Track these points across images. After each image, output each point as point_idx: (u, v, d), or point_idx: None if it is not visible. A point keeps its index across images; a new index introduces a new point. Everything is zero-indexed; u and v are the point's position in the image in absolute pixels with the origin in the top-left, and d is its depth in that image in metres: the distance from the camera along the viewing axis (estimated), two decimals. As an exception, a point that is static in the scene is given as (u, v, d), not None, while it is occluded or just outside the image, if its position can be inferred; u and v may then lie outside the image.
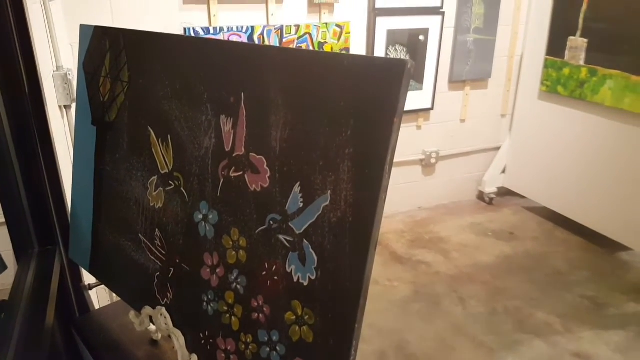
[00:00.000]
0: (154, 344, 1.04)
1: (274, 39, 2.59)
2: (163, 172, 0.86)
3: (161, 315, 0.88)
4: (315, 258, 0.63)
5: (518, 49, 3.34)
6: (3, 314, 0.96)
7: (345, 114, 0.59)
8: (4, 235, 1.12)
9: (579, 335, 2.24)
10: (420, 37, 3.01)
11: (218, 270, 0.77)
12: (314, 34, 2.68)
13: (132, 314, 0.98)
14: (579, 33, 2.85)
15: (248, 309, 0.73)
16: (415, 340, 2.22)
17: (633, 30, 2.58)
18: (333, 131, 0.60)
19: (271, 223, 0.68)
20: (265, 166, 0.68)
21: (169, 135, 0.83)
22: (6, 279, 1.22)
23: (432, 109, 3.24)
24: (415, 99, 3.14)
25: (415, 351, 2.16)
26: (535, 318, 2.36)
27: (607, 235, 2.85)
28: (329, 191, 0.61)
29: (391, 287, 2.61)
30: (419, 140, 3.33)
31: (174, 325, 0.87)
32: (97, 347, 1.08)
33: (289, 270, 0.66)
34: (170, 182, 0.84)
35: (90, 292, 1.26)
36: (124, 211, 0.96)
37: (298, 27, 2.64)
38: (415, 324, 2.33)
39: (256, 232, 0.70)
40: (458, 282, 2.65)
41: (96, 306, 1.50)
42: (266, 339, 0.71)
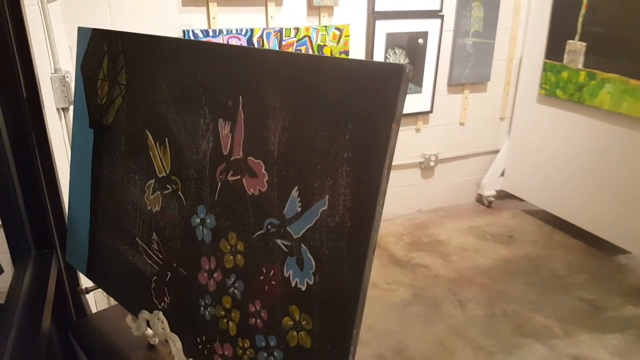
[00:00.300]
0: (151, 348, 1.03)
1: (273, 41, 2.59)
2: (160, 176, 0.85)
3: (158, 319, 0.87)
4: (313, 263, 0.63)
5: (517, 52, 3.35)
6: (-1, 318, 0.95)
7: (344, 118, 0.58)
8: (0, 239, 1.12)
9: (578, 338, 2.24)
10: (420, 41, 3.01)
11: (215, 275, 0.76)
12: (313, 36, 2.68)
13: (129, 318, 0.97)
14: (577, 37, 2.86)
15: (245, 314, 0.72)
16: (414, 344, 2.21)
17: (631, 34, 2.58)
18: (331, 135, 0.60)
19: (269, 227, 0.68)
20: (263, 170, 0.68)
21: (167, 139, 0.83)
22: (2, 283, 1.21)
23: (431, 112, 3.24)
24: (414, 102, 3.14)
25: (414, 355, 2.15)
26: (534, 321, 2.36)
27: (606, 238, 2.85)
28: (327, 196, 0.61)
29: (390, 291, 2.60)
30: (418, 143, 3.33)
31: (171, 330, 0.86)
32: (94, 351, 1.07)
33: (286, 275, 0.66)
34: (168, 186, 0.84)
35: (87, 296, 1.26)
36: (121, 215, 0.96)
37: (297, 30, 2.64)
38: (414, 327, 2.32)
39: (254, 237, 0.70)
40: (457, 285, 2.65)
41: (94, 310, 1.50)
42: (264, 344, 0.70)
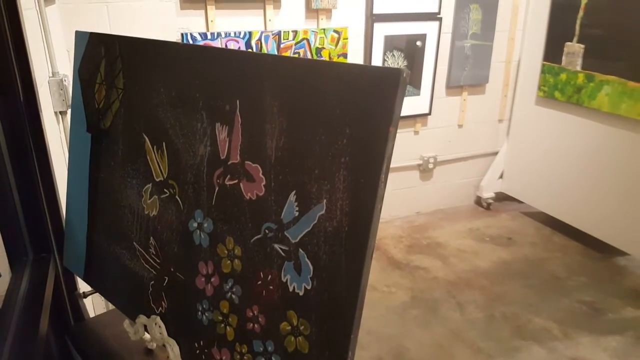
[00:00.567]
0: (148, 353, 1.03)
1: (272, 44, 2.59)
2: (158, 180, 0.85)
3: (156, 324, 0.87)
4: (311, 268, 0.62)
5: (515, 54, 3.35)
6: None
7: (341, 122, 0.58)
8: (-3, 243, 1.11)
9: (577, 340, 2.23)
10: (418, 43, 3.01)
11: (213, 280, 0.76)
12: (312, 39, 2.68)
13: (127, 322, 0.97)
14: (575, 39, 2.86)
15: (243, 319, 0.72)
16: (413, 347, 2.21)
17: (629, 36, 2.58)
18: (329, 140, 0.60)
19: (266, 232, 0.67)
20: (261, 174, 0.68)
21: (164, 143, 0.83)
22: (0, 287, 1.20)
23: (430, 114, 3.24)
24: (413, 104, 3.14)
25: (413, 357, 2.15)
26: (533, 324, 2.35)
27: (605, 240, 2.85)
28: (325, 200, 0.60)
29: (389, 293, 2.60)
30: (416, 145, 3.33)
31: (169, 335, 0.86)
32: (92, 356, 1.07)
33: (284, 279, 0.66)
34: (165, 190, 0.83)
35: (85, 300, 1.25)
36: (119, 219, 0.95)
37: (296, 33, 2.64)
38: (413, 330, 2.32)
39: (251, 241, 0.70)
40: (456, 288, 2.64)
41: (92, 313, 1.49)
42: (261, 349, 0.70)
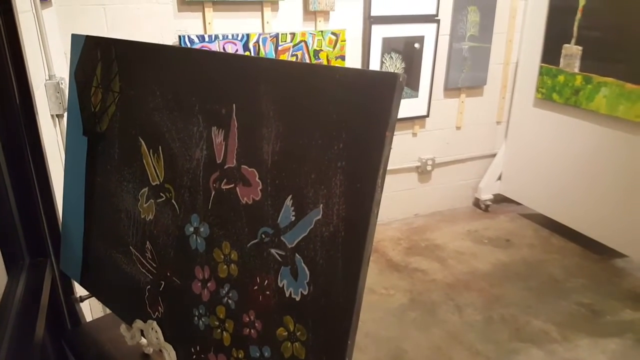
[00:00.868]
0: (145, 358, 1.02)
1: (270, 46, 2.59)
2: (154, 184, 0.85)
3: (152, 329, 0.86)
4: (308, 273, 0.62)
5: (513, 56, 3.35)
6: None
7: (338, 127, 0.58)
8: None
9: (576, 343, 2.23)
10: (416, 45, 3.01)
11: (209, 284, 0.76)
12: (310, 41, 2.68)
13: (123, 327, 0.96)
14: (573, 41, 2.86)
15: (239, 324, 0.71)
16: (411, 349, 2.20)
17: (627, 38, 2.59)
18: (325, 144, 0.59)
19: (263, 237, 0.67)
20: (257, 179, 0.67)
21: (160, 147, 0.82)
22: (-4, 291, 1.20)
23: (428, 116, 3.24)
24: (411, 107, 3.14)
25: (412, 360, 2.15)
26: (531, 326, 2.35)
27: (603, 242, 2.85)
28: (321, 205, 0.60)
29: (387, 296, 2.60)
30: (414, 147, 3.33)
31: (165, 340, 0.85)
32: (88, 361, 1.06)
33: (280, 285, 0.65)
34: (161, 194, 0.83)
35: (83, 304, 1.25)
36: (115, 223, 0.95)
37: (293, 35, 2.64)
38: (411, 333, 2.31)
39: (248, 246, 0.69)
40: (454, 290, 2.64)
41: (90, 317, 1.49)
42: (258, 354, 0.70)
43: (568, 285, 2.68)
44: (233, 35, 2.52)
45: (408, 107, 3.13)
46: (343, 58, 2.79)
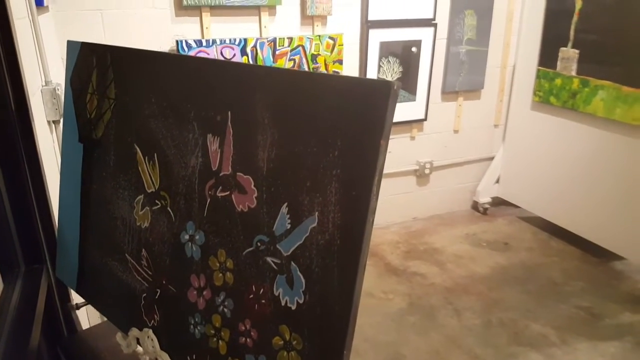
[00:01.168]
0: (141, 365, 1.01)
1: (267, 51, 2.59)
2: (149, 191, 0.84)
3: (148, 337, 0.86)
4: (303, 281, 0.62)
5: (510, 59, 3.36)
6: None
7: (333, 134, 0.58)
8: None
9: (575, 346, 2.23)
10: (413, 49, 3.02)
11: (205, 293, 0.75)
12: (307, 46, 2.69)
13: (119, 335, 0.95)
14: (570, 44, 2.87)
15: (235, 333, 0.71)
16: (410, 354, 2.20)
17: (624, 41, 2.59)
18: (320, 152, 0.59)
19: (258, 244, 0.67)
20: (252, 186, 0.67)
21: (156, 154, 0.82)
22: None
23: (426, 119, 3.24)
24: (409, 110, 3.15)
25: (411, 365, 2.14)
26: (530, 330, 2.34)
27: (602, 244, 2.85)
28: (317, 213, 0.60)
29: (386, 300, 2.59)
30: (412, 150, 3.33)
31: (161, 348, 0.85)
32: (84, 369, 1.06)
33: (276, 293, 0.65)
34: (157, 202, 0.83)
35: (80, 311, 1.24)
36: (111, 230, 0.94)
37: (291, 40, 2.64)
38: (410, 337, 2.31)
39: (243, 254, 0.69)
40: (453, 294, 2.63)
41: (88, 324, 1.48)
42: (254, 363, 0.69)
43: (567, 289, 2.68)
44: (231, 40, 2.52)
45: (406, 111, 3.13)
46: (341, 62, 2.80)
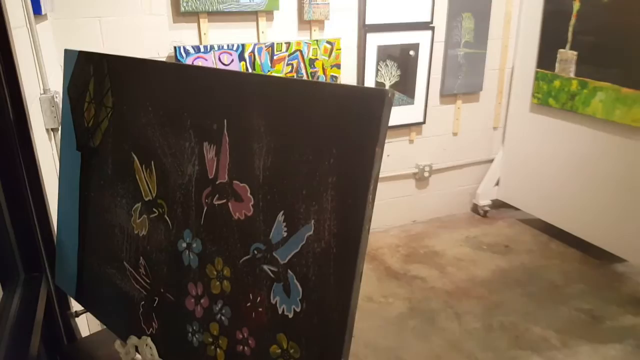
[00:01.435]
0: (140, 373, 1.01)
1: (265, 56, 2.60)
2: (147, 199, 0.84)
3: (146, 345, 0.86)
4: (300, 289, 0.62)
5: (509, 62, 3.36)
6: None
7: (328, 142, 0.58)
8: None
9: (576, 349, 2.22)
10: (411, 52, 3.02)
11: (202, 301, 0.75)
12: (305, 50, 2.69)
13: (118, 343, 0.95)
14: (568, 45, 2.87)
15: (233, 341, 0.71)
16: (410, 358, 2.19)
17: (622, 42, 2.60)
18: (316, 160, 0.59)
19: (255, 252, 0.67)
20: (249, 194, 0.67)
21: (153, 162, 0.82)
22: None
23: (424, 122, 3.24)
24: (407, 113, 3.15)
25: (412, 369, 2.13)
26: (531, 333, 2.34)
27: (602, 246, 2.84)
28: (313, 221, 0.60)
29: (386, 304, 2.58)
30: (411, 154, 3.33)
31: (160, 356, 0.85)
32: (83, 377, 1.06)
33: (273, 301, 0.65)
34: (154, 210, 0.83)
35: (79, 319, 1.24)
36: (109, 238, 0.94)
37: (289, 45, 2.65)
38: (410, 342, 2.30)
39: (240, 262, 0.69)
40: (453, 298, 2.63)
41: (88, 332, 1.48)
42: (252, 371, 0.69)
43: (568, 291, 2.67)
44: (228, 46, 2.52)
45: (404, 114, 3.14)
46: (338, 66, 2.80)
